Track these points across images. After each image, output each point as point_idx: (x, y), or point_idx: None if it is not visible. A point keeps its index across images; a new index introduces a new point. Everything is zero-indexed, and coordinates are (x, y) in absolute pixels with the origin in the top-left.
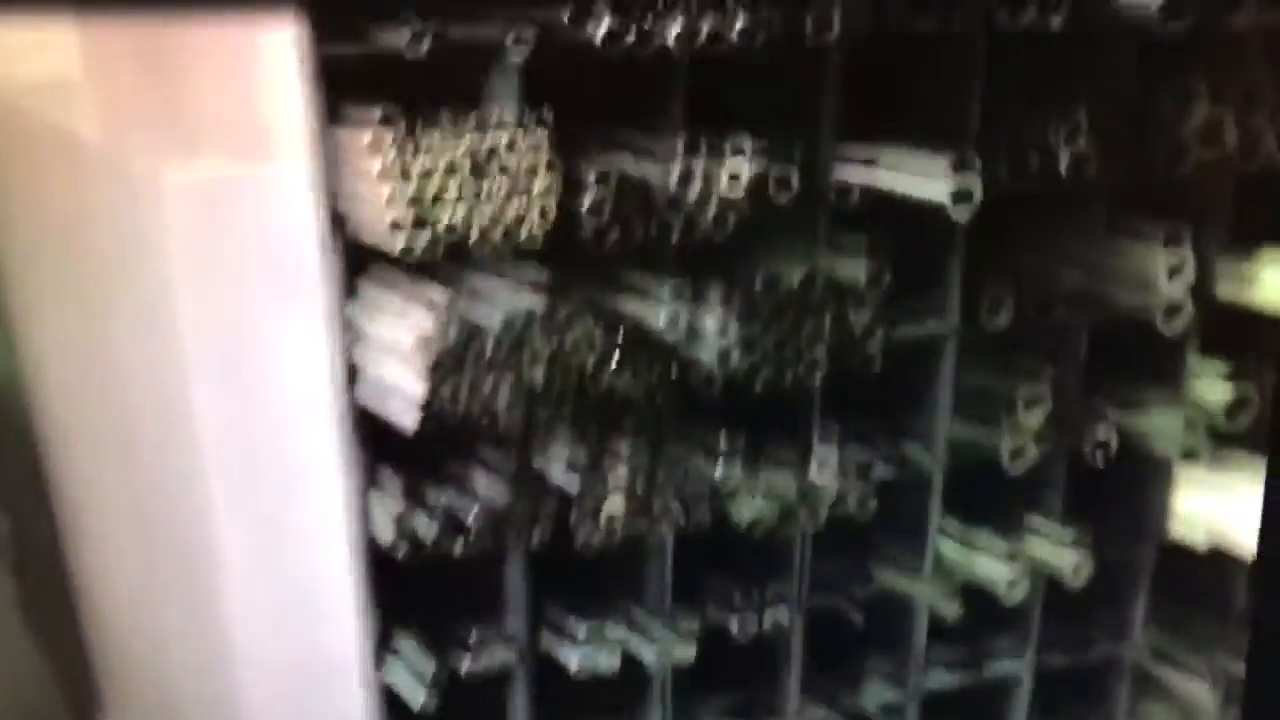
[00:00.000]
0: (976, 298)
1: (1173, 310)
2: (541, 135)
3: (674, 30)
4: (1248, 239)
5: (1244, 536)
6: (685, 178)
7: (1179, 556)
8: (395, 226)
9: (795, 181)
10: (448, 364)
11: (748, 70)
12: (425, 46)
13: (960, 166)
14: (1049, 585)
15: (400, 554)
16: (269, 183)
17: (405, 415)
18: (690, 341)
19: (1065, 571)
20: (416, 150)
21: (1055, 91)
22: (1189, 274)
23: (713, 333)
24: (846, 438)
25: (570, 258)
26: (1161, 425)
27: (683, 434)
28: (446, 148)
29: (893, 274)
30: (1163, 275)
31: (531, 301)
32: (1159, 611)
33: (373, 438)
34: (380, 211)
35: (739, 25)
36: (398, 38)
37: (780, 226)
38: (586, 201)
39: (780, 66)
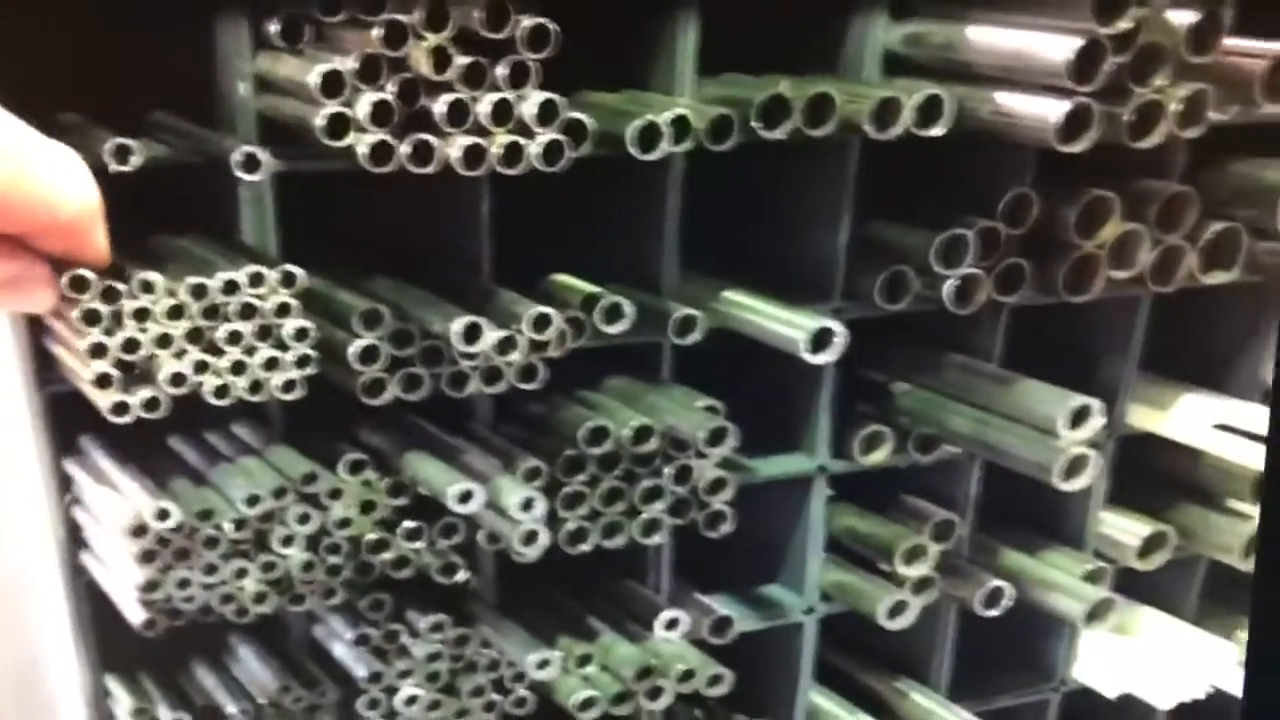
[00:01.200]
0: (849, 431)
1: (1076, 467)
2: (296, 268)
3: (459, 145)
4: (1162, 362)
5: (1155, 683)
6: (473, 330)
7: (1086, 703)
8: (101, 383)
9: (629, 311)
10: (169, 551)
11: (569, 183)
12: (136, 161)
13: (820, 304)
14: None
15: None
16: None
17: (130, 606)
18: (491, 515)
19: None
20: (129, 286)
21: (941, 204)
22: (1096, 421)
23: (515, 510)
24: (697, 588)
25: (339, 408)
26: (1063, 579)
27: (499, 602)
28: (169, 283)
29: (750, 408)
30: (1064, 422)
31: (287, 468)
32: None
33: (108, 613)
34: (85, 362)
35: (543, 139)
36: (104, 149)
37: (613, 361)
38: (354, 349)
39: (611, 179)
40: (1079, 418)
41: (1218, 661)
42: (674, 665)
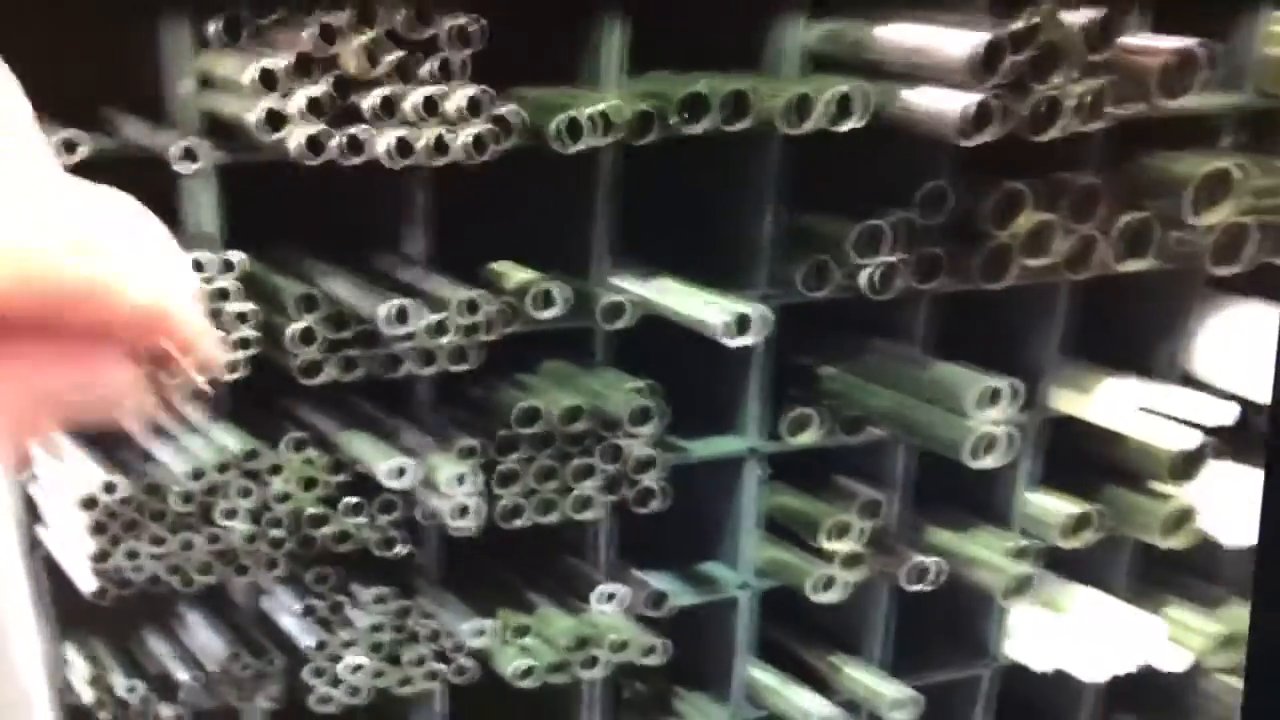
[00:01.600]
0: (780, 413)
1: (985, 445)
2: (237, 254)
3: (388, 139)
4: (1087, 348)
5: (1084, 658)
6: (402, 314)
7: (1019, 679)
8: None
9: (560, 297)
10: (118, 523)
11: (502, 176)
12: (83, 152)
13: (748, 291)
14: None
15: (106, 718)
16: None
17: (82, 576)
18: (426, 492)
19: (886, 709)
20: None
21: (865, 196)
22: (1005, 403)
23: (447, 485)
24: (638, 564)
25: (286, 390)
26: (988, 556)
27: (443, 576)
28: None
29: (686, 391)
30: (975, 403)
31: (230, 444)
32: None
33: (66, 584)
34: None
35: (469, 133)
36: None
37: (551, 346)
38: (290, 332)
39: (547, 172)
40: (991, 398)
41: (1147, 637)
42: (609, 636)
